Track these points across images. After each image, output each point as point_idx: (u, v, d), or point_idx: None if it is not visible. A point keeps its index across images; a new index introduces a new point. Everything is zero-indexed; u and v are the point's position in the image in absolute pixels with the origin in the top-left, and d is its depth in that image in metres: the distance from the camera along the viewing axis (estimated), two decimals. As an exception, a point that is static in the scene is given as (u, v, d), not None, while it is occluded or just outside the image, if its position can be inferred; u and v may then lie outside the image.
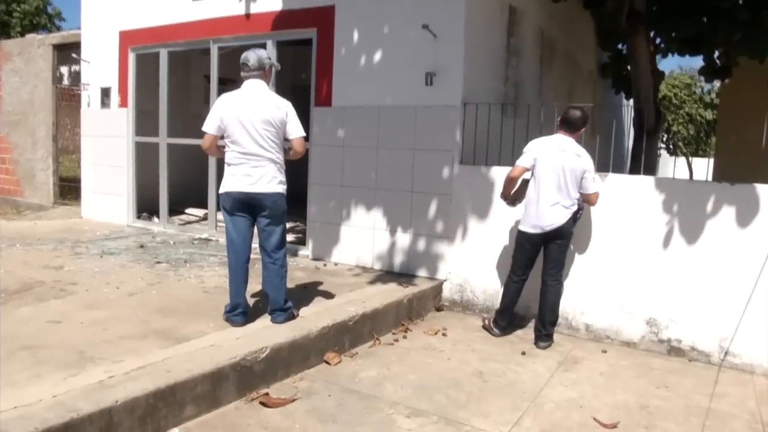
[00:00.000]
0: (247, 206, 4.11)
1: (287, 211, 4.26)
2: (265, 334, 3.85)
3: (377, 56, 5.91)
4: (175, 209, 8.55)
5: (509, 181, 4.72)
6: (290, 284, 5.27)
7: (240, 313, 4.12)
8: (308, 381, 3.82)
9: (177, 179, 8.15)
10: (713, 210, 4.59)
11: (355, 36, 6.02)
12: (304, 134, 4.16)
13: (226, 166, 4.13)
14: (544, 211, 4.58)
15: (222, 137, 4.09)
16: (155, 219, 8.19)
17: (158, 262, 5.94)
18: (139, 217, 8.28)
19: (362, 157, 6.04)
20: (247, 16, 6.76)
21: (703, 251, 4.63)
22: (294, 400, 3.50)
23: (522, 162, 4.65)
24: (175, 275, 5.46)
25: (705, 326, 4.65)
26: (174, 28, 7.47)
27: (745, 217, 4.50)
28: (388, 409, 3.50)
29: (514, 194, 4.80)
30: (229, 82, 9.58)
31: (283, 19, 6.49)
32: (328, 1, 6.17)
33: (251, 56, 4.07)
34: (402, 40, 5.74)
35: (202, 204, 7.88)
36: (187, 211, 8.72)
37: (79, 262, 5.78)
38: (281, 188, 4.11)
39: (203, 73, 8.39)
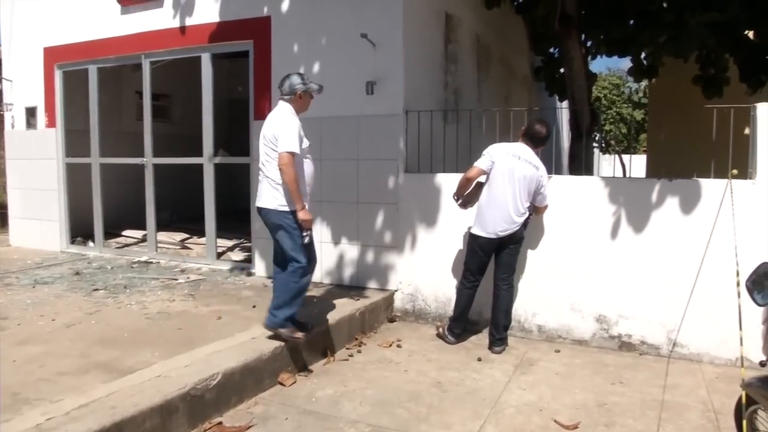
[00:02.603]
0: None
1: (280, 226, 4.08)
2: (215, 360, 3.69)
3: (316, 67, 5.82)
4: (112, 232, 8.21)
5: (465, 182, 4.70)
6: (237, 305, 5.13)
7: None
8: (263, 405, 3.68)
9: (112, 201, 7.84)
10: (655, 206, 4.71)
11: (293, 47, 5.92)
12: (290, 150, 3.93)
13: None
14: (498, 217, 4.58)
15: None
16: (90, 243, 7.84)
17: (96, 290, 5.66)
18: (73, 242, 7.91)
19: (306, 169, 5.92)
20: (181, 29, 6.56)
21: (647, 247, 4.73)
22: (250, 428, 3.37)
23: (480, 164, 4.64)
24: (114, 302, 5.21)
25: (653, 320, 4.75)
26: (103, 42, 7.19)
27: (684, 211, 4.63)
28: (348, 428, 3.40)
29: (467, 196, 4.78)
30: (163, 97, 9.38)
31: (218, 32, 6.33)
32: (263, 13, 6.05)
33: (285, 82, 4.17)
34: (341, 49, 5.68)
35: (141, 225, 7.59)
36: (125, 233, 8.38)
37: (9, 294, 5.45)
38: (272, 204, 4.07)
39: (135, 89, 8.12)
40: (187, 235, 8.20)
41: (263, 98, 6.10)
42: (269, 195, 4.07)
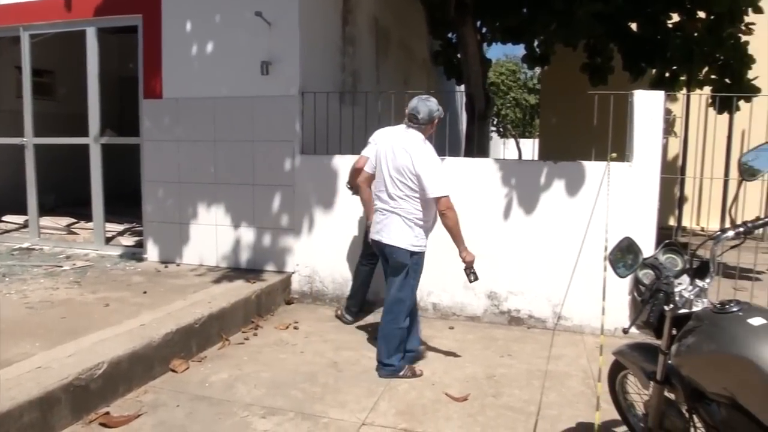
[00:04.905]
0: (379, 252, 4.05)
1: (405, 265, 3.87)
2: (100, 348, 3.55)
3: (210, 45, 5.65)
4: (-11, 217, 7.68)
5: (354, 171, 4.69)
6: (127, 291, 4.95)
7: None
8: (154, 393, 3.58)
9: (-11, 184, 7.32)
10: (541, 187, 4.95)
11: (185, 23, 5.71)
12: (447, 193, 3.74)
13: None
14: None
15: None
16: (-35, 229, 7.29)
17: (-29, 278, 5.29)
18: (-56, 228, 7.33)
19: (199, 151, 5.77)
20: (65, 0, 6.16)
21: (535, 226, 4.97)
22: (139, 416, 3.27)
23: (366, 152, 4.64)
24: (-9, 292, 4.89)
25: (539, 295, 5.02)
26: (-26, 13, 6.64)
27: (568, 192, 4.90)
28: (242, 411, 3.38)
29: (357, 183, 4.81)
30: (46, 73, 8.80)
31: (104, 5, 6.00)
32: (152, -14, 5.80)
33: (422, 108, 3.83)
34: (235, 28, 5.53)
35: (22, 210, 7.12)
36: (4, 218, 7.84)
37: None
38: (404, 243, 3.81)
39: (15, 64, 7.57)
40: (73, 220, 7.78)
41: (153, 76, 5.86)
42: (400, 233, 3.79)
